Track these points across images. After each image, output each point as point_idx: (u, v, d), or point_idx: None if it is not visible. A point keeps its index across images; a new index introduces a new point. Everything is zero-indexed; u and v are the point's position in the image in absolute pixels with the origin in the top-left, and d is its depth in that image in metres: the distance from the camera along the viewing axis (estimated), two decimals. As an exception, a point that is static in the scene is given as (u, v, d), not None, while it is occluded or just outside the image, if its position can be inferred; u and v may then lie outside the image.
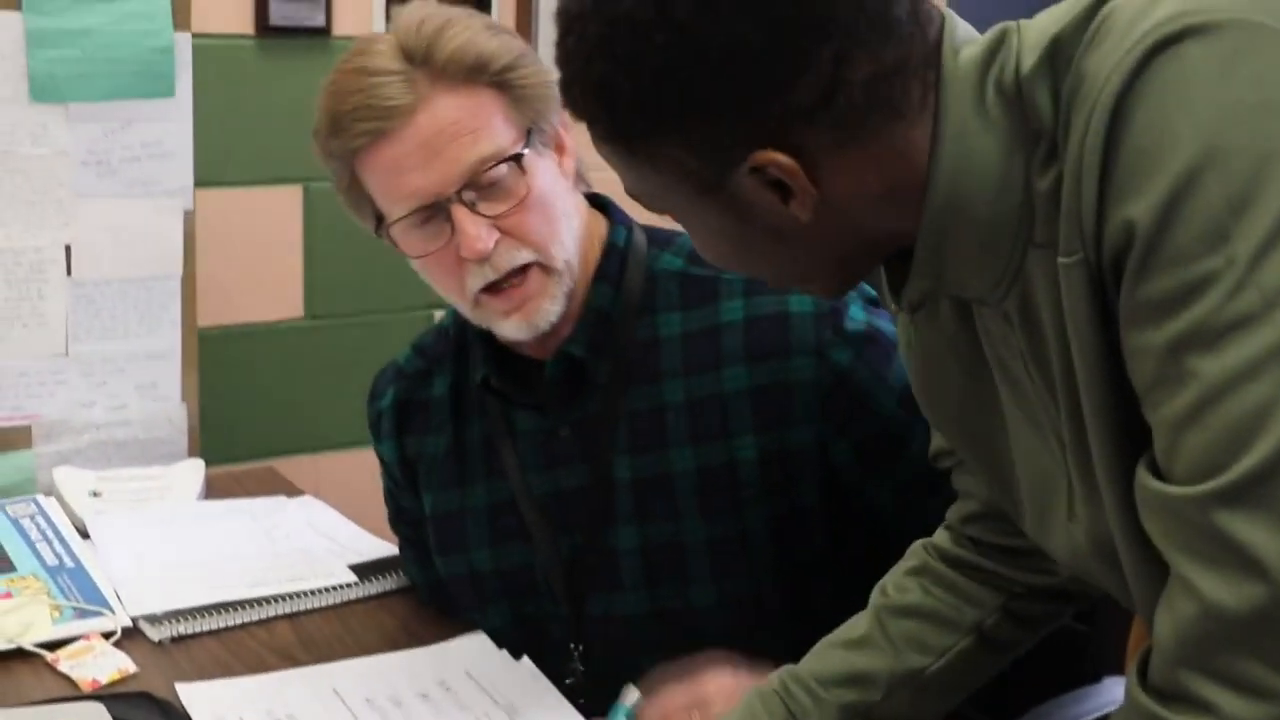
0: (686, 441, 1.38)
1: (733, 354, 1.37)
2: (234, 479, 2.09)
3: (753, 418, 1.37)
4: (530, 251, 1.34)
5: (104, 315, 2.03)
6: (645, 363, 1.40)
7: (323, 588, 1.64)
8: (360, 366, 2.45)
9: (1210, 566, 0.80)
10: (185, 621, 1.55)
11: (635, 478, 1.40)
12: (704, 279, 1.41)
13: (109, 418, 2.05)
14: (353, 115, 1.33)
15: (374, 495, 1.81)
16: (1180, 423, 0.81)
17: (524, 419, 1.46)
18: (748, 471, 1.37)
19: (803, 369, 1.36)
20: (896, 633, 1.21)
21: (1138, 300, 0.82)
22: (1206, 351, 0.79)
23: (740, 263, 1.00)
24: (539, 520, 1.44)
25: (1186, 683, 0.83)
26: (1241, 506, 0.79)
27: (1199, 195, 0.78)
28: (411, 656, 1.49)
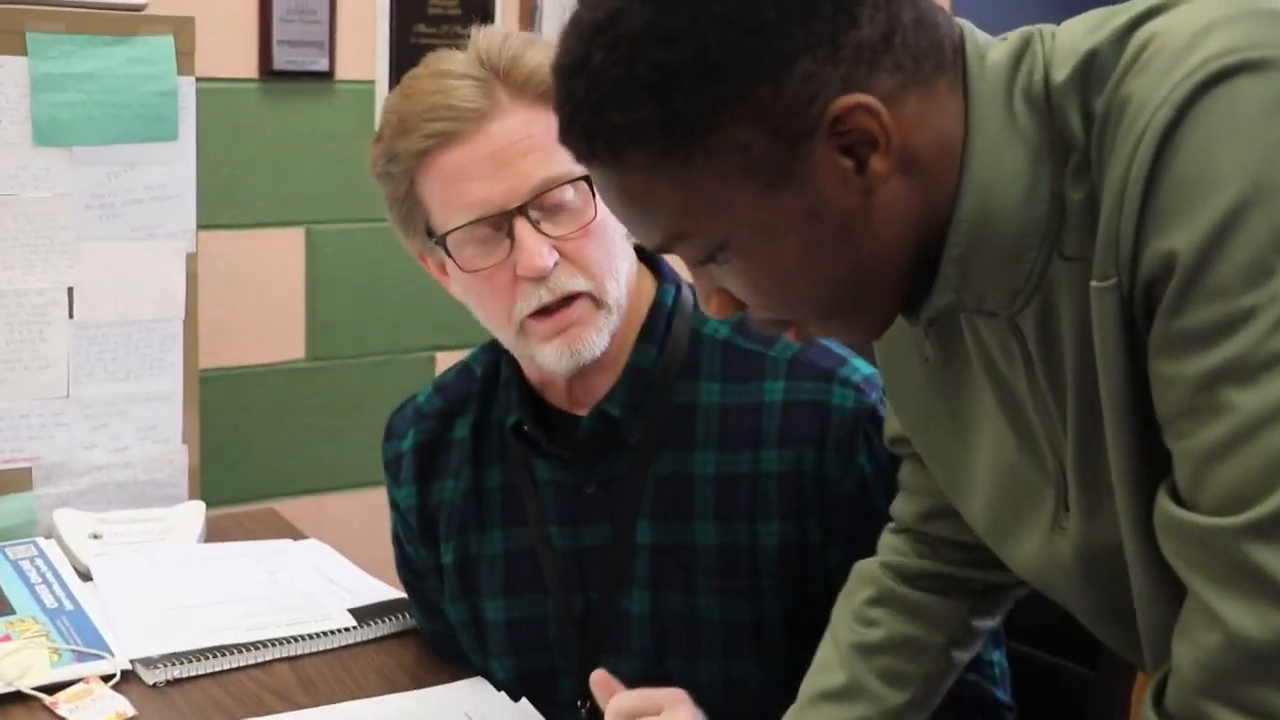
0: (712, 516, 1.36)
1: (769, 436, 1.35)
2: (235, 521, 2.08)
3: (779, 503, 1.34)
4: (586, 280, 1.32)
5: (106, 357, 2.03)
6: (680, 428, 1.37)
7: (322, 631, 1.63)
8: (362, 408, 2.48)
9: (1237, 596, 0.80)
10: (183, 664, 1.54)
11: (655, 543, 1.37)
12: (750, 353, 1.38)
13: (110, 460, 2.05)
14: (425, 115, 1.30)
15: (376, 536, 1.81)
16: (1212, 454, 0.81)
17: (546, 469, 1.42)
18: (767, 558, 1.35)
19: (831, 465, 1.33)
20: (874, 674, 1.21)
21: (1173, 330, 0.82)
22: (1244, 385, 0.79)
23: (797, 287, 0.92)
24: (556, 574, 1.41)
25: (1207, 711, 0.82)
26: (1272, 540, 0.79)
27: (1244, 231, 0.79)
28: (411, 699, 1.49)
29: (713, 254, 0.91)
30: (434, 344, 2.53)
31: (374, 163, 1.36)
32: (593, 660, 1.39)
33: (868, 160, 0.87)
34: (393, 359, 2.53)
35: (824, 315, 0.95)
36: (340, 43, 2.40)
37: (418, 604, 1.60)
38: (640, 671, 1.38)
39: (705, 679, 1.36)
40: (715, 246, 0.90)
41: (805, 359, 1.37)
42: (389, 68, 2.41)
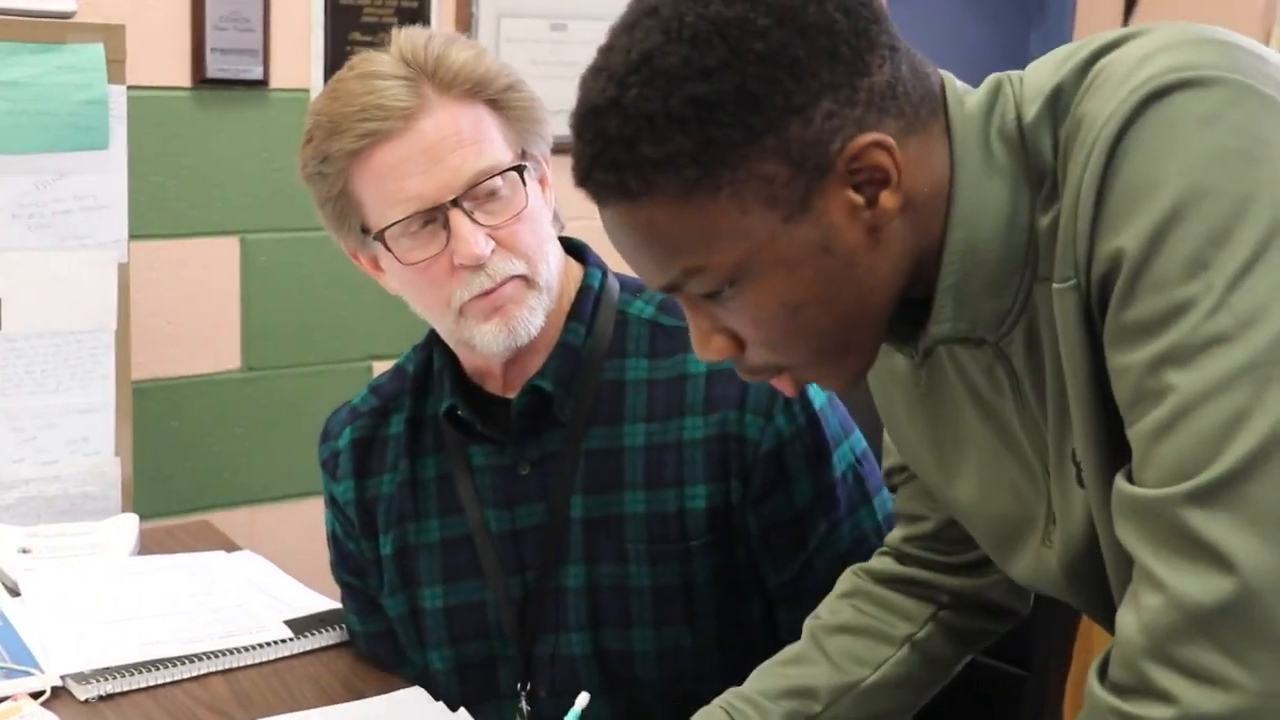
0: (641, 486, 1.40)
1: (694, 403, 1.40)
2: (168, 533, 2.06)
3: (705, 468, 1.39)
4: (521, 263, 1.36)
5: (35, 369, 2.00)
6: (609, 404, 1.42)
7: (258, 643, 1.62)
8: (298, 418, 2.46)
9: (1179, 562, 0.84)
10: (115, 679, 1.52)
11: (587, 517, 1.41)
12: (674, 330, 1.43)
13: (38, 473, 2.02)
14: (357, 115, 1.33)
15: (311, 547, 1.80)
16: (1156, 433, 0.86)
17: (482, 455, 1.46)
18: (695, 522, 1.39)
19: (750, 426, 1.38)
20: (832, 649, 1.26)
21: (1123, 322, 0.88)
22: (1183, 367, 0.85)
23: (803, 320, 0.96)
24: (493, 558, 1.45)
25: (1148, 674, 0.85)
26: (1212, 507, 0.83)
27: (1182, 228, 0.85)
28: (348, 711, 1.48)
29: (724, 287, 0.95)
30: (371, 353, 2.52)
31: (304, 164, 1.39)
32: (531, 642, 1.41)
33: (877, 197, 0.92)
34: (329, 368, 2.51)
35: (819, 355, 0.99)
36: (274, 50, 2.38)
37: (355, 605, 1.60)
38: (578, 649, 1.43)
39: (639, 648, 1.41)
40: (729, 279, 0.94)
41: None
42: (324, 75, 2.40)
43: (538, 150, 1.41)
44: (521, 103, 1.38)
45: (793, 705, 1.23)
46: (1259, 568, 0.82)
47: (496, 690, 1.47)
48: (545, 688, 1.45)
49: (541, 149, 1.41)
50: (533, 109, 1.40)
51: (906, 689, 1.27)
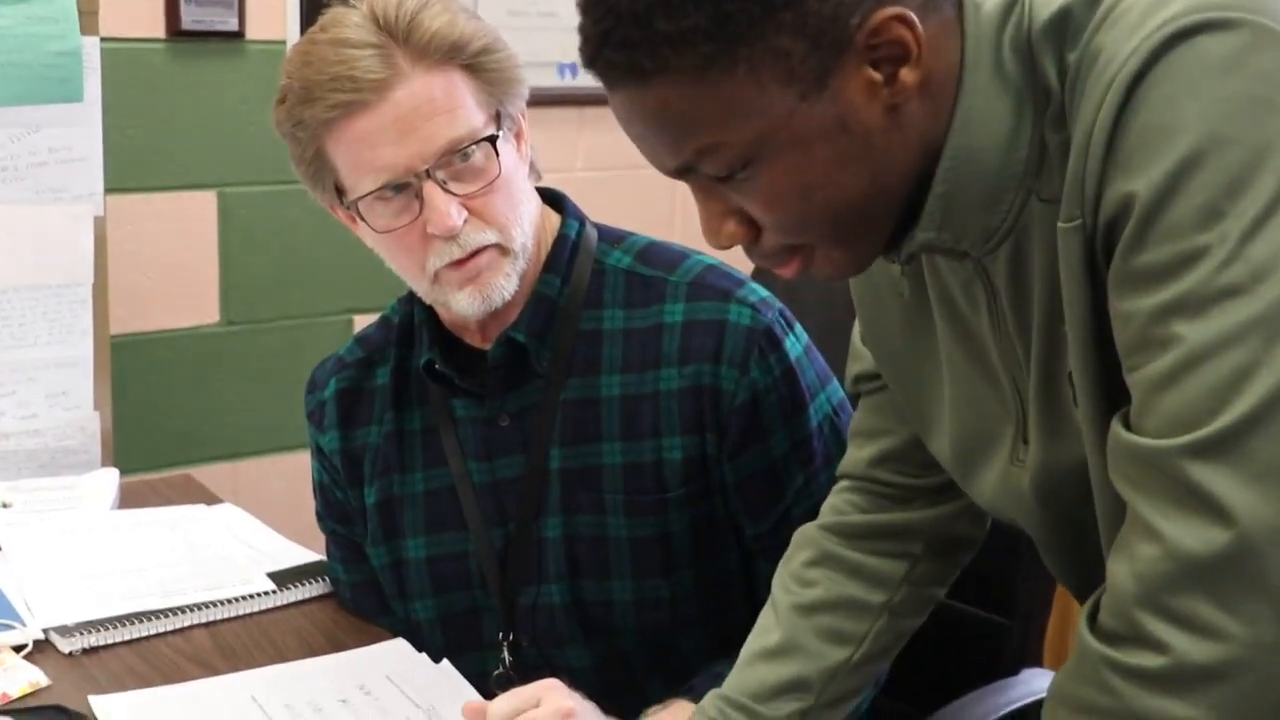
0: (618, 437, 1.40)
1: (669, 355, 1.40)
2: (150, 488, 2.06)
3: (680, 419, 1.39)
4: (495, 233, 1.36)
5: (12, 323, 1.99)
6: (586, 355, 1.42)
7: (241, 595, 1.62)
8: (278, 372, 2.46)
9: (1176, 512, 0.84)
10: (98, 632, 1.52)
11: (564, 468, 1.42)
12: (651, 279, 1.43)
13: (18, 427, 2.01)
14: (328, 85, 1.32)
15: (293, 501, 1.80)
16: (1159, 383, 0.85)
17: (464, 407, 1.47)
18: (672, 473, 1.39)
19: (726, 379, 1.38)
20: (813, 631, 1.23)
21: (1130, 268, 0.86)
22: (1192, 318, 0.84)
23: (819, 200, 0.94)
24: (475, 509, 1.46)
25: (1140, 622, 0.85)
26: (1213, 459, 0.83)
27: (1199, 176, 0.84)
28: (331, 662, 1.48)
29: (739, 167, 0.93)
30: (351, 306, 2.51)
31: (278, 123, 1.38)
32: (514, 592, 1.42)
33: (896, 75, 0.90)
34: (309, 322, 2.50)
35: (835, 237, 0.97)
36: (250, 1, 2.35)
37: (340, 554, 1.61)
38: (558, 599, 1.43)
39: (618, 598, 1.42)
40: (744, 160, 0.92)
41: (704, 282, 1.42)
42: (300, 27, 2.38)
43: (513, 108, 1.40)
44: (497, 64, 1.37)
45: (789, 706, 1.21)
46: (1258, 521, 0.82)
47: (479, 640, 1.48)
48: (527, 637, 1.46)
49: (518, 105, 1.40)
50: (508, 69, 1.38)
51: (892, 646, 1.27)
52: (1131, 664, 0.85)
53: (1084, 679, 0.88)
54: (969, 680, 1.50)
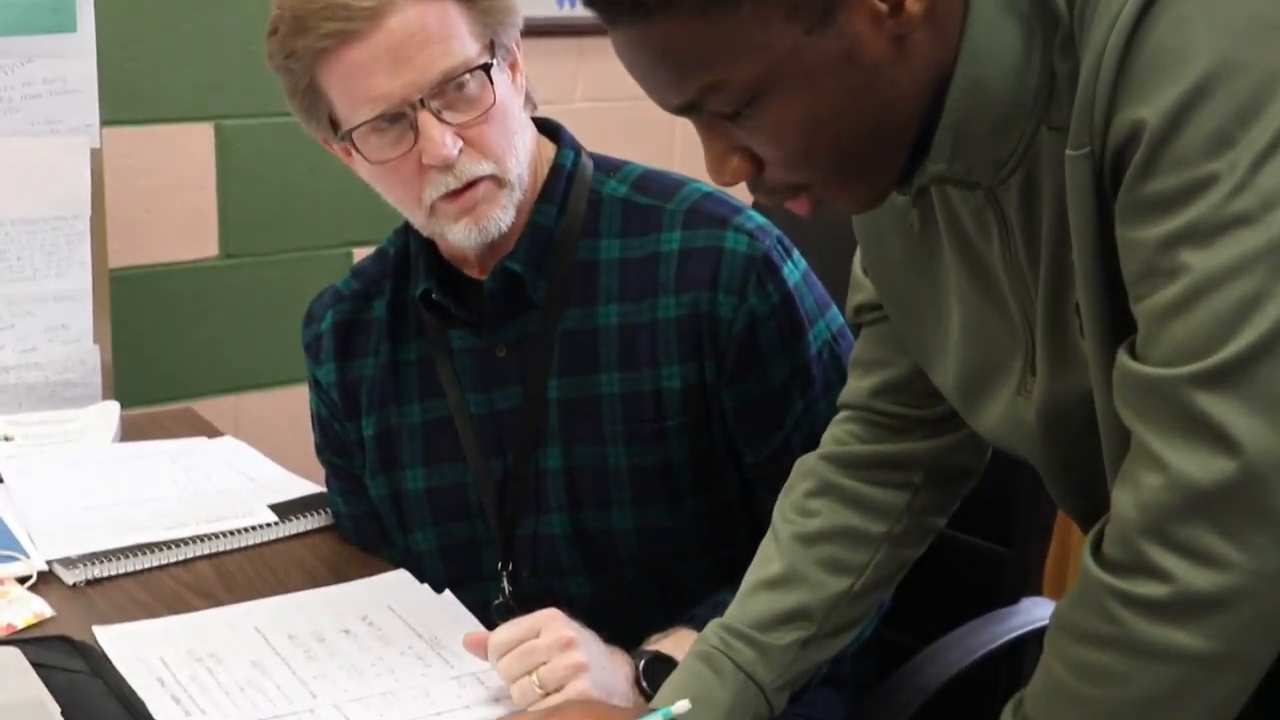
0: (616, 367, 1.41)
1: (666, 283, 1.40)
2: (151, 421, 2.06)
3: (678, 347, 1.39)
4: (489, 164, 1.36)
5: (10, 256, 1.98)
6: (583, 284, 1.42)
7: (243, 527, 1.62)
8: (278, 306, 2.45)
9: (1182, 442, 0.84)
10: (102, 564, 1.53)
11: (563, 399, 1.42)
12: (648, 208, 1.43)
13: (18, 361, 2.01)
14: (321, 14, 1.31)
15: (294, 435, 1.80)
16: (1166, 312, 0.85)
17: (461, 338, 1.47)
18: (671, 401, 1.40)
19: (724, 306, 1.38)
20: (814, 561, 1.23)
21: (1138, 197, 0.85)
22: (1200, 246, 0.83)
23: (825, 136, 0.93)
24: (473, 441, 1.46)
25: (1145, 552, 0.85)
26: (1219, 389, 0.82)
27: (1210, 103, 0.83)
28: (333, 593, 1.49)
29: (744, 104, 0.92)
30: (350, 239, 2.50)
31: (270, 55, 1.37)
32: (513, 523, 1.43)
33: (902, 3, 0.89)
34: (309, 255, 2.49)
35: (842, 173, 0.96)
36: (246, -71, 2.33)
37: (340, 486, 1.61)
38: (558, 529, 1.44)
39: (619, 527, 1.43)
40: (749, 95, 0.91)
41: (701, 209, 1.42)
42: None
43: (508, 38, 1.39)
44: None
45: (791, 634, 1.21)
46: (1264, 450, 0.81)
47: (479, 571, 1.49)
48: (527, 568, 1.47)
49: (512, 35, 1.39)
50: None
51: (891, 580, 1.27)
52: (1135, 593, 0.86)
53: (1087, 608, 0.89)
54: (968, 610, 1.51)
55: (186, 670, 1.32)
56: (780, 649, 1.20)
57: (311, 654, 1.36)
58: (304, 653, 1.36)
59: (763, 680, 1.19)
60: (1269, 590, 0.83)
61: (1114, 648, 0.87)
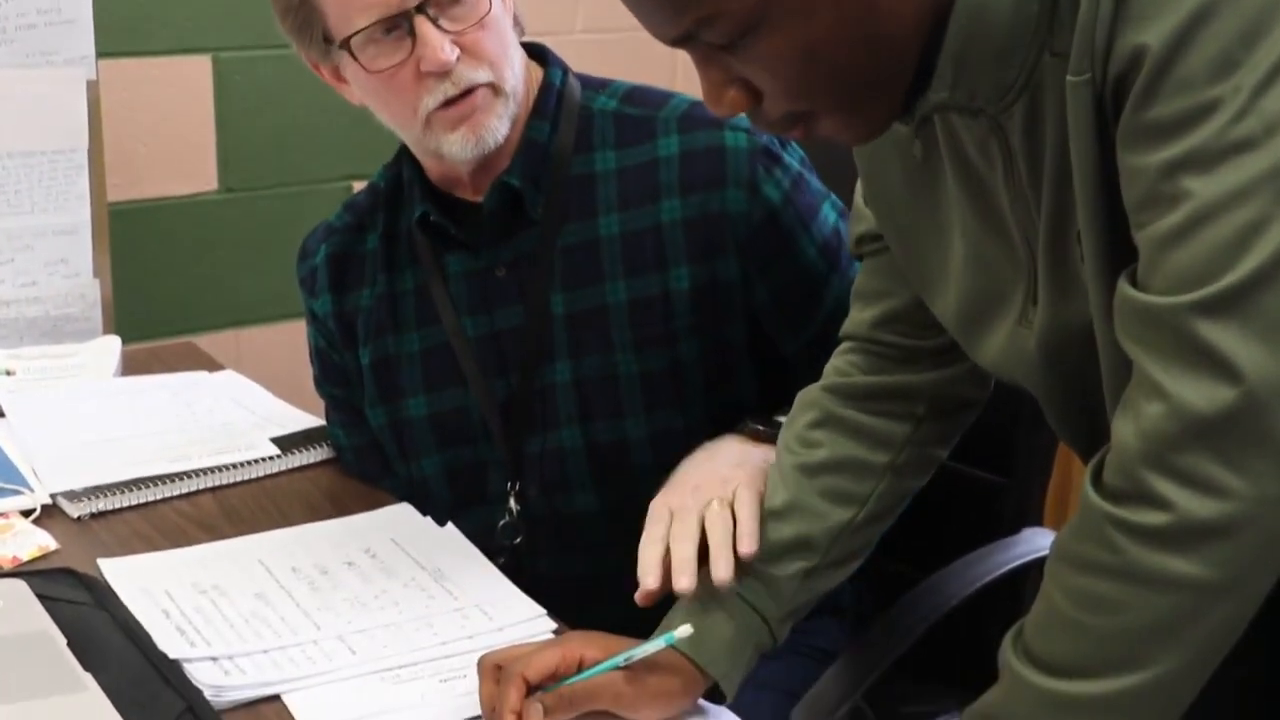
0: (621, 275, 1.42)
1: (669, 187, 1.41)
2: (152, 355, 2.06)
3: (686, 249, 1.40)
4: (486, 71, 1.37)
5: (8, 189, 1.97)
6: (581, 199, 1.43)
7: (245, 460, 1.63)
8: (278, 240, 2.43)
9: (1183, 370, 0.83)
10: (106, 497, 1.53)
11: (569, 312, 1.43)
12: (640, 118, 1.44)
13: (18, 295, 2.01)
14: None
15: (295, 369, 1.80)
16: (1167, 239, 0.84)
17: (457, 262, 1.47)
18: (680, 303, 1.41)
19: (735, 201, 1.40)
20: (816, 492, 1.23)
21: (1140, 123, 0.85)
22: (1202, 173, 0.82)
23: (824, 66, 0.92)
24: (473, 363, 1.47)
25: (1145, 481, 0.85)
26: (1221, 316, 0.82)
27: (1212, 26, 0.81)
28: (336, 526, 1.49)
29: (740, 35, 0.90)
30: (350, 173, 2.48)
31: None
32: (520, 441, 1.43)
33: None
34: (309, 189, 2.48)
35: (840, 103, 0.95)
36: None
37: (340, 418, 1.62)
38: (569, 442, 1.45)
39: (632, 436, 1.44)
40: (746, 26, 0.90)
41: (694, 115, 1.44)
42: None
43: None
44: None
45: (795, 566, 1.21)
46: (1266, 378, 0.81)
47: (486, 493, 1.50)
48: (535, 486, 1.47)
49: None
50: None
51: (893, 510, 1.27)
52: (1135, 521, 0.86)
53: (1087, 536, 0.89)
54: (969, 540, 1.51)
55: (191, 602, 1.33)
56: (783, 580, 1.21)
57: (315, 586, 1.36)
58: (307, 585, 1.36)
59: (765, 610, 1.20)
60: (1270, 518, 0.83)
61: (1114, 576, 0.87)
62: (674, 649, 1.14)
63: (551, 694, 1.12)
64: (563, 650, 1.14)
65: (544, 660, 1.13)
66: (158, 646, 1.24)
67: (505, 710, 1.10)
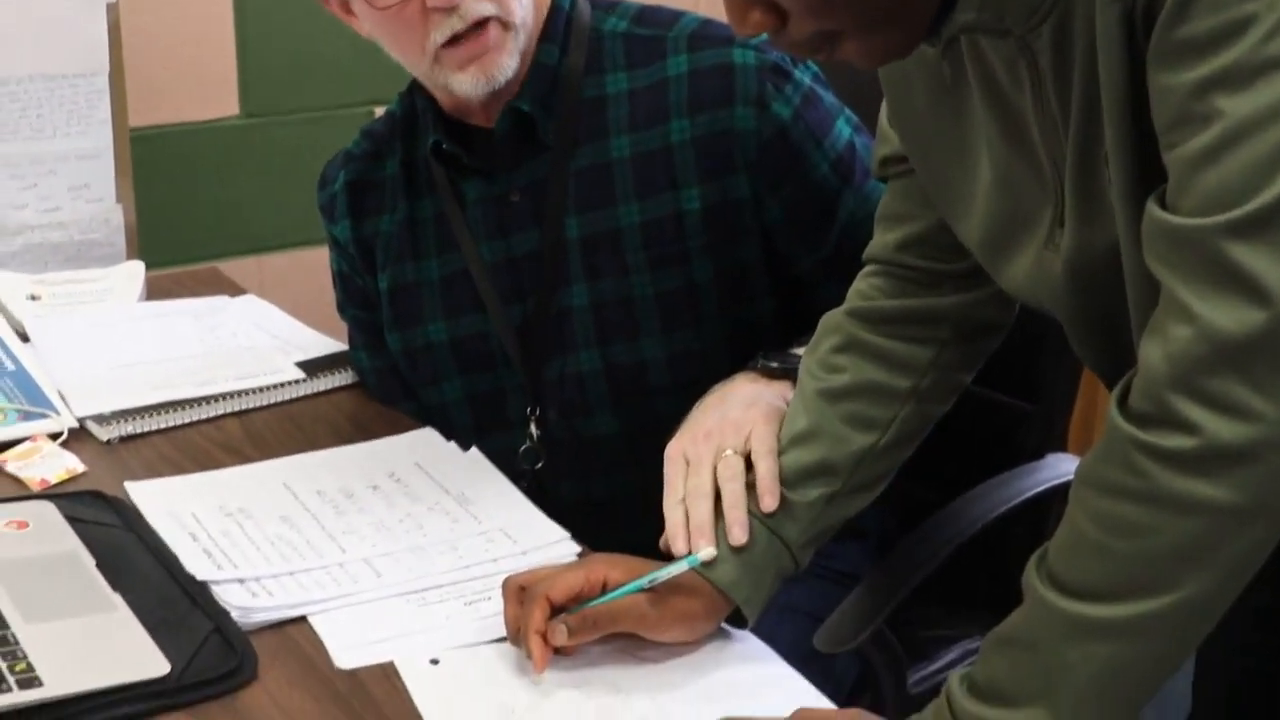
0: (634, 197, 1.41)
1: (678, 106, 1.40)
2: (176, 281, 2.06)
3: (697, 168, 1.40)
4: (493, 4, 1.36)
5: (30, 113, 1.97)
6: (592, 121, 1.43)
7: (270, 385, 1.63)
8: (300, 166, 2.42)
9: (1212, 292, 0.83)
10: (133, 421, 1.54)
11: (583, 236, 1.43)
12: (649, 38, 1.44)
13: (42, 220, 2.01)
14: None
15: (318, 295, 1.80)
16: (1198, 159, 0.83)
17: (474, 188, 1.47)
18: (693, 222, 1.41)
19: (744, 119, 1.39)
20: (839, 417, 1.22)
21: (1172, 40, 0.83)
22: (1235, 91, 0.81)
23: None
24: (491, 289, 1.47)
25: (1172, 404, 0.84)
26: (1252, 238, 0.81)
27: None
28: (361, 450, 1.50)
29: None
30: (372, 98, 2.46)
31: None
32: (538, 365, 1.44)
33: None
34: (330, 114, 2.47)
35: (867, 23, 0.93)
36: None
37: (363, 340, 1.62)
38: (587, 366, 1.45)
39: (650, 356, 1.44)
40: None
41: (704, 33, 1.43)
42: None
43: None
44: None
45: (816, 491, 1.20)
46: None
47: (506, 418, 1.50)
48: (555, 410, 1.48)
49: None
50: None
51: (916, 436, 1.27)
52: (1161, 445, 0.85)
53: (1112, 461, 0.88)
54: (993, 465, 1.51)
55: (217, 525, 1.34)
56: (805, 505, 1.20)
57: (340, 509, 1.37)
58: (333, 508, 1.37)
59: (788, 535, 1.20)
60: None
61: (1140, 500, 0.87)
62: (697, 572, 1.15)
63: (575, 615, 1.13)
64: (587, 572, 1.15)
65: (568, 582, 1.14)
66: (185, 568, 1.25)
67: (530, 631, 1.11)
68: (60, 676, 1.07)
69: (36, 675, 1.07)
